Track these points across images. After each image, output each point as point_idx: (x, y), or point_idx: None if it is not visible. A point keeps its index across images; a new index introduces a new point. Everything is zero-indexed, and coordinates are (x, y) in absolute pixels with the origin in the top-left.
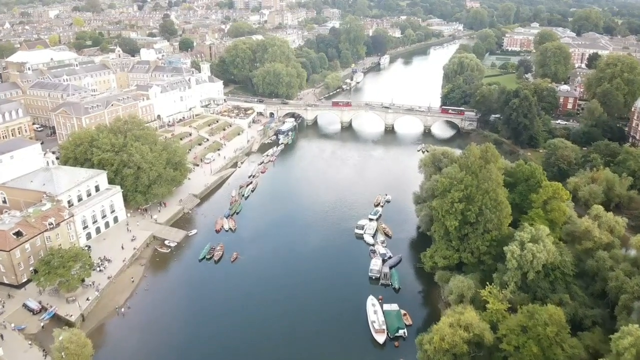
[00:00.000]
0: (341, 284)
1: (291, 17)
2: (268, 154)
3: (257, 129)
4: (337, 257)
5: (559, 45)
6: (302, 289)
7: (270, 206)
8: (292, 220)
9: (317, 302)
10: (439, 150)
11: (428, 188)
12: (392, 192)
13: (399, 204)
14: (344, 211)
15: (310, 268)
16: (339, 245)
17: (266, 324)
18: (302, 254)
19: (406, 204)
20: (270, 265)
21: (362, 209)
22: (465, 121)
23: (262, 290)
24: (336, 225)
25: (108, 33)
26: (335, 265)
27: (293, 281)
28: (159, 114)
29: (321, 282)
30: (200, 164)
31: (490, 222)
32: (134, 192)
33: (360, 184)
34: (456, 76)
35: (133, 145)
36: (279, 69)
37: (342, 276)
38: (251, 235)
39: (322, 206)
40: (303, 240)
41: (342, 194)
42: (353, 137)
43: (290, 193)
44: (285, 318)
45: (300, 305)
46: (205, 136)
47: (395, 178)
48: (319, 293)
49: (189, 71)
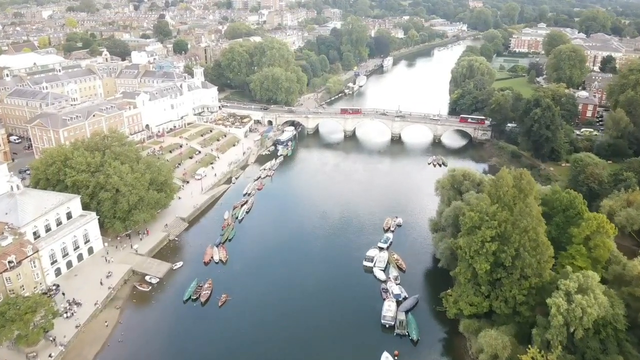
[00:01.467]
0: (349, 332)
1: (291, 17)
2: (265, 167)
3: (254, 138)
4: (343, 297)
5: (574, 48)
6: (302, 338)
7: (267, 231)
8: (291, 249)
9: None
10: (458, 171)
11: (448, 216)
12: (402, 213)
13: (412, 228)
14: (349, 237)
15: (311, 312)
16: (346, 281)
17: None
18: (301, 293)
19: (419, 228)
20: (265, 308)
21: (370, 233)
22: (478, 130)
23: (255, 341)
24: (341, 254)
25: (101, 34)
26: (342, 307)
27: (291, 329)
28: (148, 124)
29: (325, 330)
30: (191, 180)
31: (529, 267)
32: (112, 219)
33: (367, 203)
34: (465, 80)
35: (111, 164)
36: (277, 73)
37: (350, 323)
38: (244, 268)
39: (325, 230)
40: (303, 275)
41: (347, 216)
42: (357, 148)
43: (289, 214)
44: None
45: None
46: (197, 148)
47: (405, 196)
48: (323, 345)
49: (181, 76)
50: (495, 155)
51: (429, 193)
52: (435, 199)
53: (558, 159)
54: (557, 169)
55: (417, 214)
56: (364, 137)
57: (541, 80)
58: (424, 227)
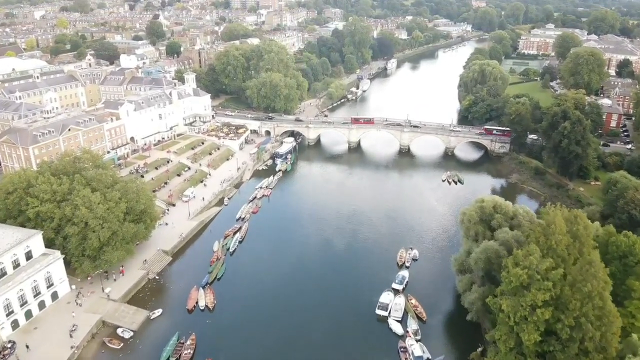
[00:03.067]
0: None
1: (290, 17)
2: (262, 185)
3: (250, 151)
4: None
5: (592, 51)
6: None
7: (261, 267)
8: (289, 291)
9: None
10: (488, 201)
11: (479, 259)
12: (418, 243)
13: (430, 262)
14: (358, 275)
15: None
16: (355, 335)
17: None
18: (301, 352)
19: (439, 262)
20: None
21: (383, 269)
22: (495, 143)
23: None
24: (349, 298)
25: (91, 35)
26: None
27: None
28: (133, 136)
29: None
30: (178, 202)
31: (591, 341)
32: (81, 257)
33: (377, 230)
34: (477, 86)
35: (80, 192)
36: (276, 79)
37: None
38: (234, 317)
39: (329, 265)
40: (304, 328)
41: (354, 246)
42: (363, 161)
43: (286, 245)
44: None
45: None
46: (186, 163)
47: (419, 221)
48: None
49: (171, 83)
50: (515, 171)
51: (446, 216)
52: (454, 224)
53: (586, 176)
54: (586, 189)
55: (435, 244)
56: (369, 149)
57: (555, 85)
58: (444, 261)
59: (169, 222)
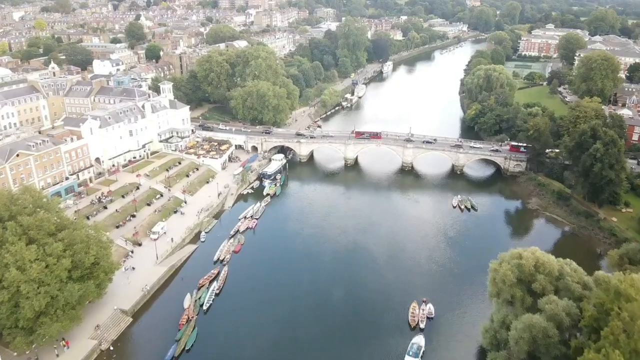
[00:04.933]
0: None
1: (281, 17)
2: (246, 214)
3: (234, 171)
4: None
5: (606, 55)
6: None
7: (241, 328)
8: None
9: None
10: (528, 258)
11: (520, 337)
12: (431, 291)
13: (449, 322)
14: (361, 341)
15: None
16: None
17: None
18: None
19: (460, 323)
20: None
21: (391, 331)
22: (510, 161)
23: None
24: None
25: (68, 38)
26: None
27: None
28: (98, 157)
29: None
30: (145, 240)
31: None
32: (12, 329)
33: (381, 273)
34: (481, 92)
35: (10, 248)
36: (263, 88)
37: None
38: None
39: (325, 326)
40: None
41: (355, 298)
42: (361, 181)
43: (272, 298)
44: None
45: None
46: (158, 189)
47: (431, 262)
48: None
49: (144, 94)
50: (534, 194)
51: (463, 255)
52: (474, 266)
53: (616, 202)
54: (618, 217)
55: (454, 295)
56: (368, 167)
57: (563, 91)
58: (467, 322)
59: (134, 267)
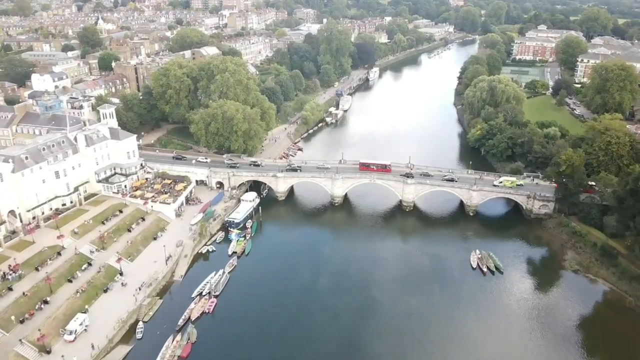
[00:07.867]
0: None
1: (257, 19)
2: (203, 290)
3: (192, 219)
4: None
5: (623, 65)
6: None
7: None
8: None
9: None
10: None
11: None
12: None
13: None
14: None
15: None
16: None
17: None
18: None
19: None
20: None
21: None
22: (535, 200)
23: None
24: None
25: (18, 45)
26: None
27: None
28: (13, 209)
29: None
30: (58, 344)
31: None
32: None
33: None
34: (485, 107)
35: None
36: (231, 110)
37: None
38: None
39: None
40: None
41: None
42: (353, 229)
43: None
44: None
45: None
46: (87, 255)
47: (445, 339)
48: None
49: (79, 122)
50: (569, 247)
51: (489, 339)
52: None
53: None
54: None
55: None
56: (360, 207)
57: (571, 102)
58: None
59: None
